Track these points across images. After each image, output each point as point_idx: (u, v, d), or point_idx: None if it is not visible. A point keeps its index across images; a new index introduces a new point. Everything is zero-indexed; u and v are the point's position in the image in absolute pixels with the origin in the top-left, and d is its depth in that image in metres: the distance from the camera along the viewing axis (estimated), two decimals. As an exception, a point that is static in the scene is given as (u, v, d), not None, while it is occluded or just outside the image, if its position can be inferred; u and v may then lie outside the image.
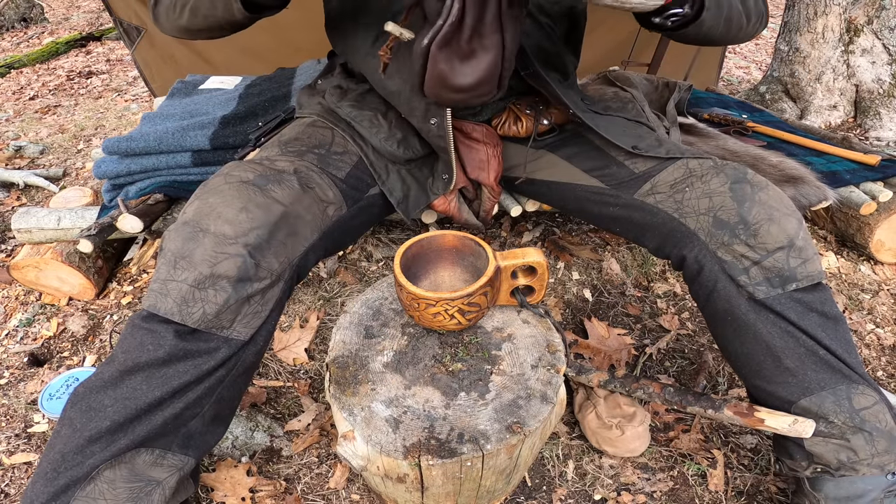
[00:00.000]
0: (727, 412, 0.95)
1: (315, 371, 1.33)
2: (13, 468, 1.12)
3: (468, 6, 0.78)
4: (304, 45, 2.01)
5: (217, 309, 0.79)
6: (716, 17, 0.89)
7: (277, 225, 0.85)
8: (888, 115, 2.37)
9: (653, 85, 1.77)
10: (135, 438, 0.77)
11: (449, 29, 0.79)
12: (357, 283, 1.56)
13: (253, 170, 0.89)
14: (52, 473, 0.76)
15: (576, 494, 1.09)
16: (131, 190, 1.37)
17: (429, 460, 0.82)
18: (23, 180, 2.04)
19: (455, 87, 0.86)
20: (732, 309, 0.91)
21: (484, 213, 1.24)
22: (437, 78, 0.84)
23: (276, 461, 1.13)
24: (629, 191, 1.03)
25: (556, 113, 1.19)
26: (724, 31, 0.95)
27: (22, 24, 4.31)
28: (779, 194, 0.91)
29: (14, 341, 1.42)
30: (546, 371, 0.95)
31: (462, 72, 0.85)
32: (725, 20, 0.92)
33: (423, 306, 0.92)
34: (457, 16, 0.79)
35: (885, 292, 1.62)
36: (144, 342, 0.78)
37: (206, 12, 0.87)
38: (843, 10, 2.32)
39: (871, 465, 0.89)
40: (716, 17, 0.89)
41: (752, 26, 1.00)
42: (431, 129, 1.04)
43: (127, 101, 2.95)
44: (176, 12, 0.91)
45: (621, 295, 1.57)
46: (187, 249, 0.79)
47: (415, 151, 1.11)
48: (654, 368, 1.35)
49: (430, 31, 0.80)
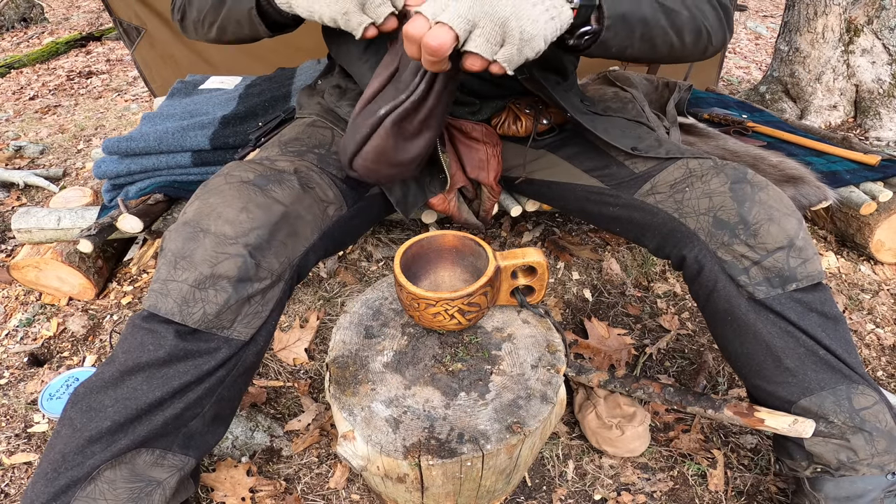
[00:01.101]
0: (727, 412, 0.95)
1: (315, 371, 1.33)
2: (13, 468, 1.12)
3: (434, 89, 0.78)
4: (304, 45, 2.00)
5: (217, 309, 0.79)
6: (625, 37, 0.84)
7: (278, 225, 0.85)
8: (888, 115, 2.37)
9: (653, 85, 1.77)
10: (135, 439, 0.77)
11: (409, 106, 0.80)
12: (357, 283, 1.56)
13: (253, 170, 0.89)
14: (52, 473, 0.76)
15: (576, 494, 1.09)
16: (131, 190, 1.37)
17: (429, 460, 0.82)
18: (23, 180, 2.04)
19: (393, 162, 0.86)
20: (732, 309, 0.91)
21: (484, 213, 1.24)
22: (378, 151, 0.85)
23: (276, 461, 1.13)
24: (629, 191, 1.03)
25: (555, 112, 1.19)
26: (647, 51, 0.90)
27: (22, 24, 4.31)
28: (779, 194, 0.91)
29: (14, 341, 1.42)
30: (546, 371, 0.95)
31: (404, 148, 0.85)
32: (642, 39, 0.87)
33: (423, 306, 0.92)
34: (420, 95, 0.79)
35: (885, 292, 1.62)
36: (145, 342, 0.78)
37: (234, 30, 0.95)
38: (843, 10, 2.32)
39: (871, 465, 0.89)
40: (625, 37, 0.84)
41: (695, 45, 0.93)
42: None
43: (127, 101, 2.95)
44: (204, 28, 0.98)
45: (621, 295, 1.57)
46: (188, 249, 0.79)
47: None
48: (654, 368, 1.35)
49: (391, 104, 0.80)
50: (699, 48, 0.94)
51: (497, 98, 1.18)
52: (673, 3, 0.88)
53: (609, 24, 0.81)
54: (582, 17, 0.80)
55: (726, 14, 0.96)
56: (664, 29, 0.88)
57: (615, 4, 0.82)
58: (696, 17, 0.91)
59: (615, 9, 0.81)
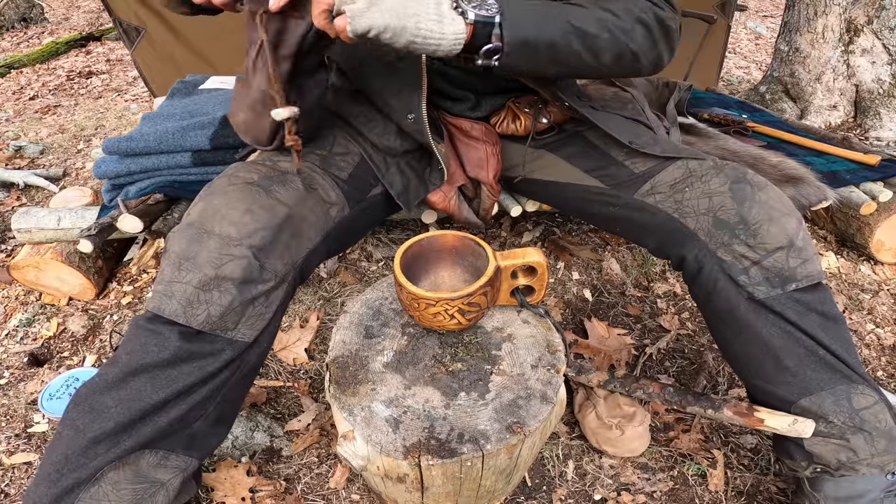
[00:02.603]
0: (727, 412, 0.95)
1: (315, 371, 1.33)
2: (13, 468, 1.12)
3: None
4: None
5: (222, 311, 0.79)
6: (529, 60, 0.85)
7: (282, 226, 0.85)
8: (888, 115, 2.37)
9: (653, 85, 1.77)
10: (139, 440, 0.77)
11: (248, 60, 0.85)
12: (357, 283, 1.56)
13: (257, 171, 0.89)
14: (55, 475, 0.76)
15: (576, 494, 1.09)
16: (131, 190, 1.37)
17: (429, 460, 0.82)
18: (23, 180, 2.04)
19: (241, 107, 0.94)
20: (732, 309, 0.91)
21: (484, 212, 1.24)
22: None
23: (276, 461, 1.13)
24: (629, 191, 1.03)
25: (555, 112, 1.19)
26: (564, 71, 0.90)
27: (22, 24, 4.31)
28: (779, 194, 0.91)
29: (14, 341, 1.42)
30: (546, 371, 0.95)
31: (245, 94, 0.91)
32: (552, 62, 0.87)
33: (423, 306, 0.92)
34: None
35: (885, 292, 1.62)
36: (149, 343, 0.78)
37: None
38: (843, 10, 2.32)
39: (871, 465, 0.89)
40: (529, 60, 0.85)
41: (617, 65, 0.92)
42: (410, 124, 1.05)
43: (127, 101, 2.95)
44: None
45: (621, 295, 1.57)
46: (192, 251, 0.79)
47: (411, 143, 1.11)
48: (654, 368, 1.35)
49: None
50: (624, 68, 0.94)
51: (495, 95, 1.18)
52: (588, 26, 0.87)
53: (509, 50, 0.82)
54: (481, 34, 0.81)
55: (665, 33, 0.95)
56: (577, 52, 0.88)
57: (516, 29, 0.82)
58: (617, 39, 0.90)
59: (515, 33, 0.82)
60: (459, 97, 1.16)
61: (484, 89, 1.16)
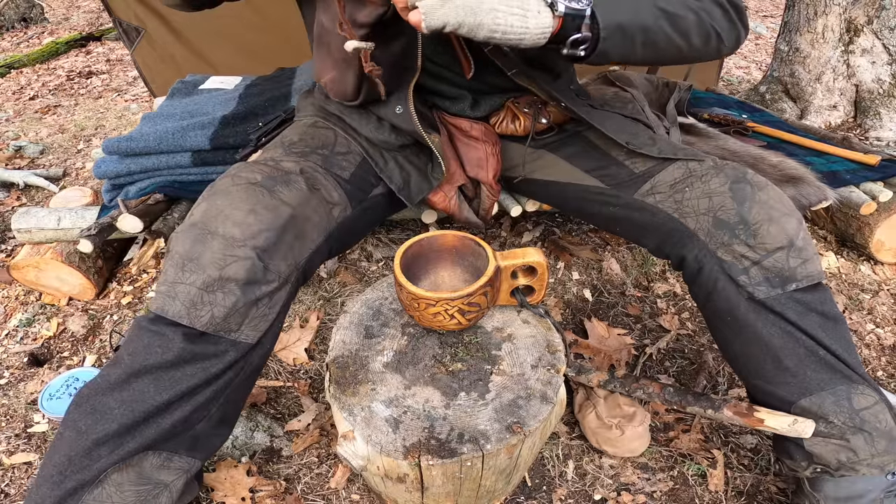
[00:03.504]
0: (727, 412, 0.95)
1: (315, 371, 1.33)
2: (13, 468, 1.12)
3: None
4: (304, 45, 2.00)
5: (225, 312, 0.79)
6: (625, 45, 0.84)
7: (285, 227, 0.85)
8: (888, 115, 2.37)
9: (653, 85, 1.77)
10: (143, 442, 0.77)
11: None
12: (357, 283, 1.56)
13: (261, 171, 0.89)
14: (58, 477, 0.75)
15: (576, 494, 1.09)
16: (131, 190, 1.37)
17: (429, 460, 0.82)
18: (23, 180, 2.04)
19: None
20: (732, 309, 0.91)
21: (484, 212, 1.24)
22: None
23: (276, 461, 1.13)
24: (629, 191, 1.03)
25: (554, 112, 1.19)
26: (652, 56, 0.89)
27: (22, 24, 4.31)
28: (779, 194, 0.91)
29: (14, 341, 1.42)
30: (546, 371, 0.95)
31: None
32: (645, 46, 0.86)
33: (423, 306, 0.92)
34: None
35: (885, 292, 1.62)
36: (152, 345, 0.78)
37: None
38: (843, 10, 2.32)
39: (871, 466, 0.89)
40: (625, 45, 0.84)
41: (705, 47, 0.92)
42: (398, 117, 1.05)
43: (127, 101, 2.95)
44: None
45: (621, 295, 1.57)
46: (195, 252, 0.79)
47: (406, 136, 1.11)
48: (654, 368, 1.35)
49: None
50: (710, 49, 0.94)
51: (492, 94, 1.17)
52: (676, 8, 0.87)
53: (606, 35, 0.81)
54: (570, 26, 0.80)
55: (738, 12, 0.96)
56: (668, 34, 0.87)
57: (611, 14, 0.81)
58: (702, 20, 0.90)
59: (611, 18, 0.81)
60: (456, 96, 1.16)
61: (480, 89, 1.16)
